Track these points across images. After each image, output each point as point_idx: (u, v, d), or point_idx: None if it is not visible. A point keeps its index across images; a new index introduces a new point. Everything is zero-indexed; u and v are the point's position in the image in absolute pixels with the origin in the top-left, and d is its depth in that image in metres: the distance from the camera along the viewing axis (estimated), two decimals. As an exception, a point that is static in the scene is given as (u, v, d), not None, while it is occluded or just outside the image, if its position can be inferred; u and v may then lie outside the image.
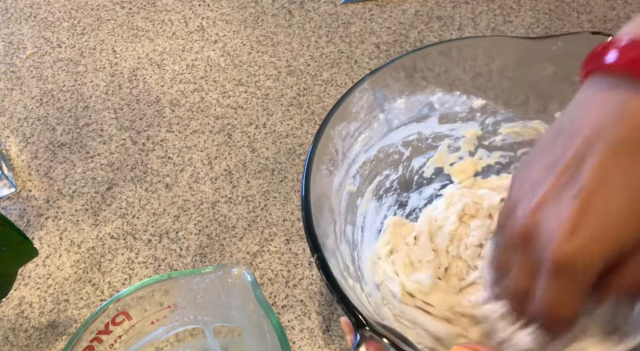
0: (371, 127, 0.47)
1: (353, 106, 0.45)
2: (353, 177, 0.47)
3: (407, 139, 0.50)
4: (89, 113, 0.66)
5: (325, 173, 0.44)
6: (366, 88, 0.46)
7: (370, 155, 0.48)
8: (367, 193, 0.49)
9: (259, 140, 0.62)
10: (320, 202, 0.42)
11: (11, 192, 0.59)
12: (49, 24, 0.75)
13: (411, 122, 0.49)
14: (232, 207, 0.57)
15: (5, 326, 0.51)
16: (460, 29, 0.69)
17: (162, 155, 0.61)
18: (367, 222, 0.49)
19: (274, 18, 0.73)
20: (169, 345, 0.43)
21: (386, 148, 0.49)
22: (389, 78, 0.46)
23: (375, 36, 0.69)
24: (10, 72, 0.70)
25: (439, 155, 0.51)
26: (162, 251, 0.55)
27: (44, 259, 0.55)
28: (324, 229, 0.41)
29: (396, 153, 0.50)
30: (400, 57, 0.46)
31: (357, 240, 0.47)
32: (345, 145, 0.46)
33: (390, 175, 0.50)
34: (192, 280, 0.41)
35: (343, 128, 0.45)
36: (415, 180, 0.52)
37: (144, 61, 0.70)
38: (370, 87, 0.46)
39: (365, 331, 0.34)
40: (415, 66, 0.47)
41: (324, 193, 0.43)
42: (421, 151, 0.51)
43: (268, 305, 0.38)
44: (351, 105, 0.45)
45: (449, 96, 0.48)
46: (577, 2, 0.71)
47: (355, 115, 0.46)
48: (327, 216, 0.43)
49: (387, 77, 0.46)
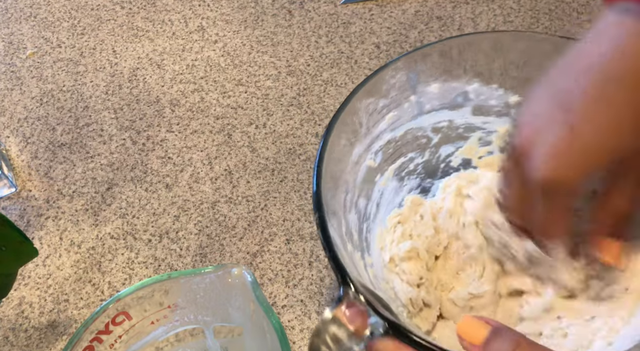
0: (401, 107, 0.47)
1: (384, 83, 0.45)
2: (375, 152, 0.47)
3: (438, 125, 0.49)
4: (89, 113, 0.66)
5: (344, 142, 0.44)
6: (400, 68, 0.45)
7: (396, 135, 0.48)
8: (389, 171, 0.48)
9: (259, 140, 0.62)
10: (334, 168, 0.42)
11: (11, 192, 0.59)
12: (49, 24, 0.75)
13: (443, 108, 0.48)
14: (232, 207, 0.57)
15: (5, 326, 0.51)
16: (460, 29, 0.69)
17: (162, 155, 0.61)
18: (384, 200, 0.48)
19: (274, 18, 0.73)
20: (169, 345, 0.43)
21: (414, 131, 0.49)
22: (425, 61, 0.46)
23: (375, 36, 0.69)
24: (10, 72, 0.70)
25: (469, 146, 0.50)
26: (162, 251, 0.55)
27: (44, 259, 0.55)
28: (333, 193, 0.41)
29: (424, 137, 0.49)
30: (441, 41, 0.45)
31: (370, 214, 0.47)
32: (371, 120, 0.45)
33: (415, 159, 0.50)
34: (192, 280, 0.41)
35: (371, 103, 0.45)
36: (442, 167, 0.51)
37: (144, 61, 0.70)
38: (405, 66, 0.45)
39: (349, 290, 0.34)
40: (454, 53, 0.46)
41: (339, 160, 0.43)
42: (451, 139, 0.50)
43: (268, 305, 0.38)
44: (382, 82, 0.45)
45: (486, 88, 0.47)
46: (577, 2, 0.71)
47: (385, 93, 0.45)
48: (339, 183, 0.43)
49: (424, 59, 0.46)
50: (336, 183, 0.43)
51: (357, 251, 0.44)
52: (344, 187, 0.44)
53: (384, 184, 0.48)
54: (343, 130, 0.43)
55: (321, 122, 0.62)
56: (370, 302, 0.34)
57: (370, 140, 0.46)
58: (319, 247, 0.54)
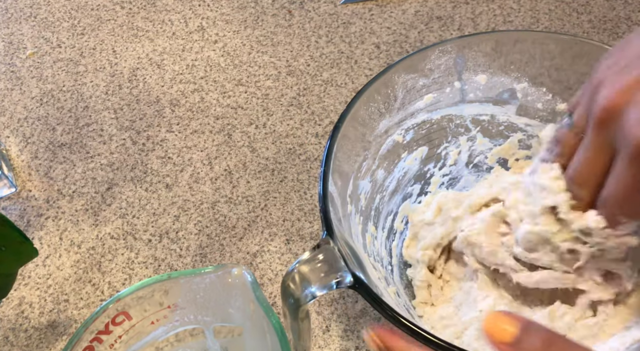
0: (442, 91, 0.46)
1: (428, 62, 0.44)
2: (406, 129, 0.46)
3: (478, 118, 0.48)
4: (89, 113, 0.66)
5: (373, 109, 0.43)
6: (448, 51, 0.44)
7: (432, 117, 0.47)
8: (417, 152, 0.48)
9: (259, 140, 0.62)
10: (355, 130, 0.42)
11: (11, 192, 0.59)
12: (49, 24, 0.75)
13: (488, 102, 0.47)
14: (232, 207, 0.57)
15: (5, 326, 0.51)
16: (460, 29, 0.69)
17: (162, 155, 0.61)
18: (406, 178, 0.48)
19: (274, 18, 0.73)
20: (169, 345, 0.43)
21: (453, 118, 0.47)
22: (477, 48, 0.44)
23: (375, 36, 0.69)
24: (10, 72, 0.70)
25: (508, 146, 0.49)
26: (162, 251, 0.55)
27: (44, 259, 0.55)
28: (348, 154, 0.41)
29: (462, 126, 0.48)
30: (496, 32, 0.44)
31: (387, 187, 0.47)
32: (408, 96, 0.45)
33: (449, 147, 0.49)
34: (192, 280, 0.41)
35: (410, 79, 0.44)
36: (475, 161, 0.50)
37: (144, 61, 0.70)
38: (454, 50, 0.44)
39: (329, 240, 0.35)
40: (508, 46, 0.44)
41: (363, 125, 0.43)
42: (490, 135, 0.48)
43: (268, 305, 0.38)
44: (426, 61, 0.44)
45: (535, 90, 0.46)
46: (577, 2, 0.71)
47: (428, 73, 0.44)
48: (356, 146, 0.42)
49: (475, 47, 0.44)
50: (353, 145, 0.42)
51: (359, 215, 0.44)
52: (362, 152, 0.43)
53: (410, 163, 0.48)
54: (374, 99, 0.42)
55: (321, 122, 0.62)
56: (344, 255, 0.35)
57: (402, 116, 0.45)
58: (319, 247, 0.54)
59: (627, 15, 0.69)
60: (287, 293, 0.36)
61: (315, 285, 0.35)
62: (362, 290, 0.34)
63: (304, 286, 0.35)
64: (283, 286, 0.36)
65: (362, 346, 0.48)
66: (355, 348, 0.48)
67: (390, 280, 0.45)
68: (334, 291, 0.51)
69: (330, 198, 0.38)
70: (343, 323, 0.49)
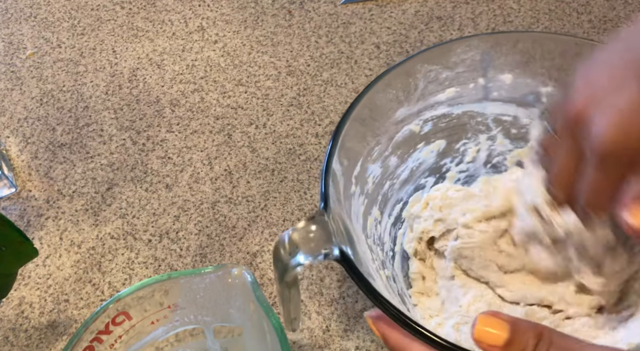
0: (465, 86, 0.45)
1: (454, 55, 0.43)
2: (424, 120, 0.46)
3: (501, 117, 0.47)
4: (89, 113, 0.66)
5: (391, 96, 0.43)
6: (475, 45, 0.43)
7: (453, 112, 0.46)
8: (434, 144, 0.47)
9: (259, 140, 0.62)
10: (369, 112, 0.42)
11: (11, 192, 0.59)
12: (49, 24, 0.75)
13: (511, 102, 0.46)
14: (232, 207, 0.57)
15: (5, 326, 0.51)
16: (460, 29, 0.69)
17: (162, 155, 0.61)
18: (420, 169, 0.48)
19: (274, 18, 0.73)
20: (169, 345, 0.43)
21: (474, 115, 0.47)
22: (505, 47, 0.43)
23: (375, 36, 0.69)
24: (10, 72, 0.70)
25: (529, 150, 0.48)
26: (162, 251, 0.55)
27: (44, 259, 0.55)
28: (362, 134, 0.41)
29: (483, 125, 0.48)
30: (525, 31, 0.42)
31: (399, 175, 0.47)
32: (429, 87, 0.44)
33: (467, 143, 0.48)
34: (192, 280, 0.41)
35: (433, 70, 0.43)
36: (494, 162, 0.50)
37: (144, 61, 0.70)
38: (480, 46, 0.43)
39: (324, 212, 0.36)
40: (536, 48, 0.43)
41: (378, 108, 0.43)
42: (511, 136, 0.48)
43: (268, 305, 0.38)
44: (452, 53, 0.43)
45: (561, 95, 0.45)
46: (577, 2, 0.71)
47: (452, 66, 0.44)
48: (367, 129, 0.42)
49: (504, 45, 0.43)
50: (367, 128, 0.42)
51: (364, 197, 0.44)
52: (375, 136, 0.43)
53: (426, 155, 0.47)
54: (393, 85, 0.42)
55: (321, 122, 0.62)
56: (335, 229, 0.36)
57: (422, 106, 0.45)
58: (319, 247, 0.54)
59: (627, 15, 0.69)
60: (277, 258, 0.37)
61: (304, 253, 0.36)
62: (346, 264, 0.35)
63: (293, 252, 0.36)
64: (274, 251, 0.37)
65: (362, 347, 0.48)
66: (355, 348, 0.48)
67: (388, 265, 0.46)
68: (334, 291, 0.51)
69: (332, 175, 0.39)
70: (343, 323, 0.49)
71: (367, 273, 0.36)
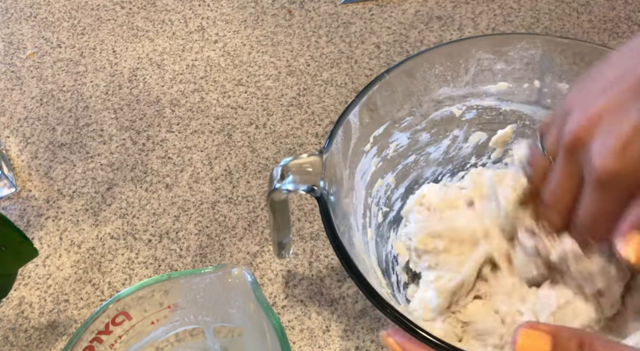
0: (519, 84, 0.43)
1: (512, 49, 0.42)
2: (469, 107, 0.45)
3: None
4: (89, 113, 0.66)
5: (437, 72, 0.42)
6: (538, 45, 0.42)
7: (501, 107, 0.45)
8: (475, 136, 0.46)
9: (259, 140, 0.62)
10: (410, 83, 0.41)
11: (11, 192, 0.59)
12: (49, 24, 0.75)
13: None
14: (232, 207, 0.57)
15: (5, 326, 0.51)
16: (460, 29, 0.69)
17: (162, 155, 0.61)
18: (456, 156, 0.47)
19: (274, 18, 0.73)
20: (169, 345, 0.43)
21: (522, 116, 0.45)
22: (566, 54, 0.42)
23: (375, 36, 0.69)
24: (10, 72, 0.70)
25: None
26: (162, 251, 0.55)
27: (44, 259, 0.55)
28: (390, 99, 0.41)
29: (529, 129, 0.46)
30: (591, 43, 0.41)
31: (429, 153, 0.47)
32: (480, 75, 0.43)
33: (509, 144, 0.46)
34: (192, 280, 0.41)
35: (487, 59, 0.42)
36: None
37: (144, 61, 0.70)
38: (542, 48, 0.42)
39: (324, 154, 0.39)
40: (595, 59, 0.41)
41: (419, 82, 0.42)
42: None
43: (268, 305, 0.38)
44: (510, 48, 0.42)
45: None
46: (577, 2, 0.71)
47: (509, 60, 0.42)
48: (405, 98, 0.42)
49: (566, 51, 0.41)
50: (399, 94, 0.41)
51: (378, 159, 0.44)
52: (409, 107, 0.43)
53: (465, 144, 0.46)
54: (440, 61, 0.41)
55: (321, 122, 0.62)
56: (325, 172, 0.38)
57: (469, 91, 0.44)
58: (319, 247, 0.54)
59: (627, 15, 0.69)
60: (270, 180, 0.40)
61: (292, 181, 0.38)
62: (321, 204, 0.37)
63: (284, 178, 0.39)
64: (271, 172, 0.40)
65: (362, 347, 0.48)
66: (355, 348, 0.48)
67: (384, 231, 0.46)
68: (334, 291, 0.51)
69: (347, 125, 0.40)
70: (343, 323, 0.49)
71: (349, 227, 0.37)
